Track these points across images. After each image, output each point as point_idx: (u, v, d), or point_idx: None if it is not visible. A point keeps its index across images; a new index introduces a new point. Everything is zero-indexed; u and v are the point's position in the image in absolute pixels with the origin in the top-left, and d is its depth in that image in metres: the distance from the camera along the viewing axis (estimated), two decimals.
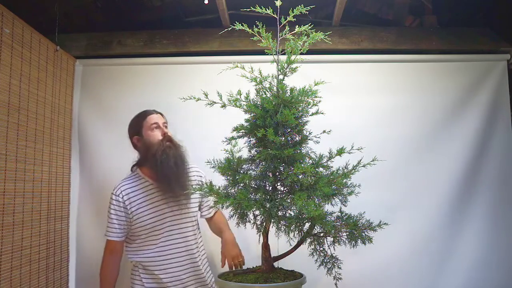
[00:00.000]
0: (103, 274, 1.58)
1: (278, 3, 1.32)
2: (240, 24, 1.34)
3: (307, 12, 1.33)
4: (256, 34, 1.34)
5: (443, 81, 2.23)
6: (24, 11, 1.83)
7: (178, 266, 1.57)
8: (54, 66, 2.01)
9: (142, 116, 1.59)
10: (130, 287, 1.62)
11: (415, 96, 2.23)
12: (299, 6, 1.33)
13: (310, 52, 1.41)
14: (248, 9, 1.36)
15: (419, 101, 2.22)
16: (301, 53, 1.35)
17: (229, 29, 1.41)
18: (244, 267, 1.47)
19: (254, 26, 1.34)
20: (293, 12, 1.32)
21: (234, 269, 1.56)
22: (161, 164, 1.47)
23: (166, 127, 1.59)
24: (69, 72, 2.17)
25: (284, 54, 1.36)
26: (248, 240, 1.84)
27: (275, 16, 1.33)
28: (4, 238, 1.56)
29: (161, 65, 2.28)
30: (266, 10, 1.32)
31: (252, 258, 1.60)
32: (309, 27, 1.35)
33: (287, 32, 1.34)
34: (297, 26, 1.36)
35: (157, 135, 1.55)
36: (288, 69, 1.35)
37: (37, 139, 1.83)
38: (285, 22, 1.33)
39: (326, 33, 1.35)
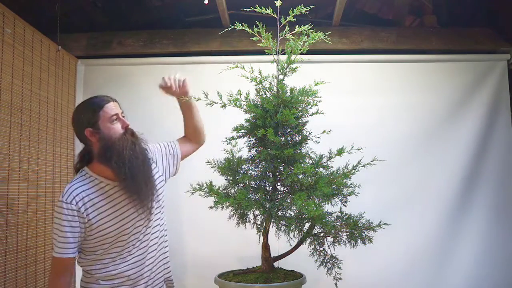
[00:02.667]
0: None
1: (278, 3, 1.33)
2: (240, 24, 1.35)
3: (307, 12, 1.34)
4: (256, 34, 1.34)
5: (443, 81, 2.23)
6: (25, 11, 1.84)
7: (153, 273, 1.36)
8: (56, 66, 2.02)
9: (97, 105, 1.29)
10: None
11: (415, 96, 2.23)
12: (299, 6, 1.33)
13: (310, 52, 1.41)
14: (248, 9, 1.36)
15: (419, 101, 2.23)
16: (301, 53, 1.35)
17: (229, 29, 1.41)
18: (244, 267, 1.47)
19: (254, 26, 1.34)
20: (293, 12, 1.32)
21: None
22: (129, 162, 1.25)
23: (124, 117, 1.34)
24: (71, 72, 2.18)
25: (284, 54, 1.37)
26: (248, 240, 1.85)
27: (275, 16, 1.34)
28: (9, 238, 1.57)
29: (161, 65, 2.29)
30: (266, 10, 1.33)
31: (252, 258, 1.61)
32: (309, 27, 1.36)
33: (287, 32, 1.35)
34: (297, 26, 1.36)
35: (118, 128, 1.29)
36: (288, 69, 1.35)
37: (40, 139, 1.84)
38: (285, 22, 1.33)
39: (326, 33, 1.36)
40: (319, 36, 1.34)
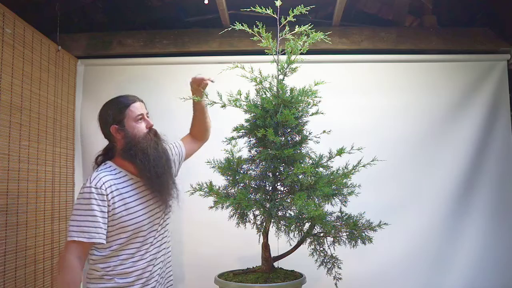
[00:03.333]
0: (71, 281, 1.20)
1: (278, 3, 1.33)
2: (240, 24, 1.35)
3: (307, 12, 1.34)
4: (256, 34, 1.34)
5: (443, 81, 2.23)
6: (25, 11, 1.84)
7: (163, 272, 1.38)
8: (56, 66, 2.02)
9: (124, 104, 1.35)
10: None
11: (415, 96, 2.23)
12: (299, 6, 1.33)
13: (310, 52, 1.41)
14: (248, 9, 1.36)
15: (419, 101, 2.23)
16: (301, 53, 1.35)
17: (229, 29, 1.41)
18: (244, 267, 1.47)
19: (254, 26, 1.34)
20: (293, 12, 1.32)
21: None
22: (153, 161, 1.30)
23: (148, 117, 1.41)
24: (71, 72, 2.18)
25: (284, 54, 1.37)
26: (248, 240, 1.85)
27: (275, 16, 1.33)
28: (8, 238, 1.57)
29: (161, 65, 2.29)
30: (266, 10, 1.33)
31: (252, 258, 1.61)
32: (309, 27, 1.35)
33: (287, 32, 1.35)
34: (297, 26, 1.36)
35: (142, 127, 1.35)
36: (288, 69, 1.35)
37: (40, 139, 1.84)
38: (285, 22, 1.33)
39: (326, 33, 1.36)
40: (319, 36, 1.34)
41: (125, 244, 1.29)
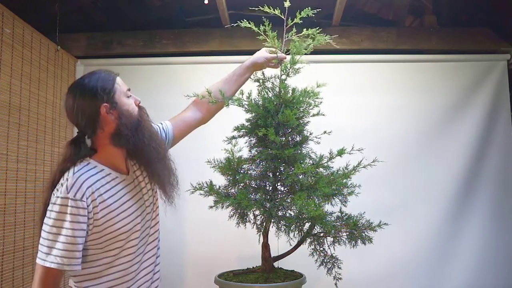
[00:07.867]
0: None
1: (286, 4, 1.31)
2: (247, 22, 1.32)
3: (313, 15, 1.33)
4: (262, 33, 1.33)
5: (443, 81, 2.24)
6: (25, 11, 1.84)
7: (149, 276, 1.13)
8: (55, 66, 2.02)
9: (109, 77, 1.04)
10: None
11: (415, 96, 2.23)
12: (307, 8, 1.32)
13: (310, 52, 1.41)
14: (256, 8, 1.34)
15: (419, 101, 2.23)
16: (305, 54, 1.35)
17: (235, 25, 1.38)
18: (244, 267, 1.47)
19: (261, 25, 1.33)
20: (300, 14, 1.31)
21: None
22: (155, 142, 1.07)
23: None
24: (70, 72, 2.18)
25: (288, 54, 1.36)
26: (248, 240, 1.85)
27: (282, 17, 1.32)
28: (6, 238, 1.57)
29: (161, 65, 2.29)
30: (274, 11, 1.31)
31: (252, 258, 1.60)
32: (317, 31, 1.34)
33: (293, 34, 1.34)
34: (304, 29, 1.35)
35: (133, 104, 1.07)
36: (291, 69, 1.34)
37: (39, 139, 1.84)
38: (291, 23, 1.32)
39: (333, 36, 1.34)
40: (324, 39, 1.33)
41: (119, 256, 1.03)
